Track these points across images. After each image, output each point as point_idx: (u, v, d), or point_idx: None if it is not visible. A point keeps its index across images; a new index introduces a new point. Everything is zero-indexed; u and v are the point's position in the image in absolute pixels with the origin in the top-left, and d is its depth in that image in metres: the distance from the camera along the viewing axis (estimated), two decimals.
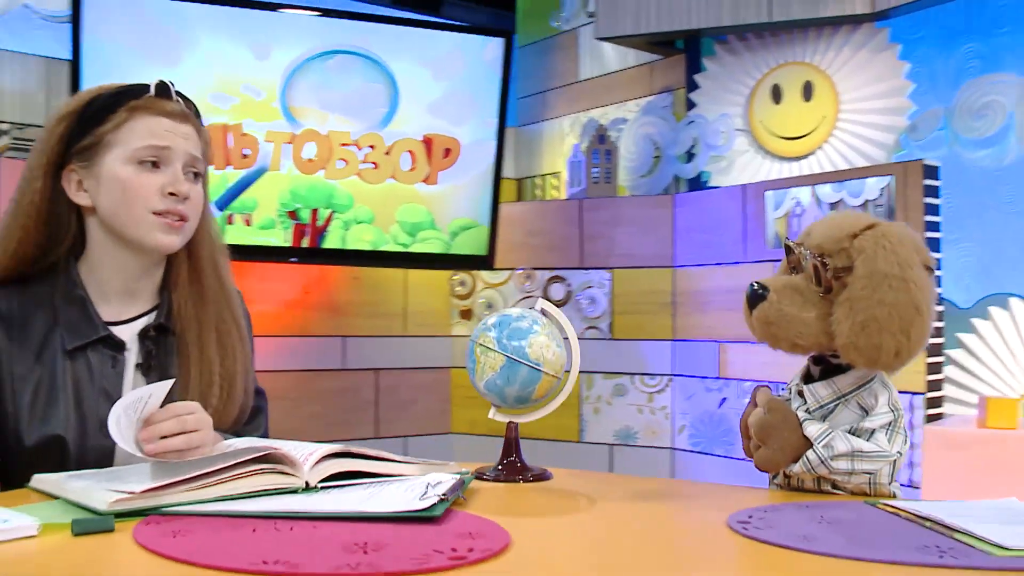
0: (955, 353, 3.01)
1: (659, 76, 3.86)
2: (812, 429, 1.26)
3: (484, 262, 3.60)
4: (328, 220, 3.36)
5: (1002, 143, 2.99)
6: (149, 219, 1.43)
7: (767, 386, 1.34)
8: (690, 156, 3.69)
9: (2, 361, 1.40)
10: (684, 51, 3.77)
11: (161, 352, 1.50)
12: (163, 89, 1.48)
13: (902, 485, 2.82)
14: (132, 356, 1.48)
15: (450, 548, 0.93)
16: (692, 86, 3.72)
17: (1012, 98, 2.98)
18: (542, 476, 1.38)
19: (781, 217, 3.28)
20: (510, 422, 1.40)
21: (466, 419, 3.85)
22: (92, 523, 1.01)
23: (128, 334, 1.48)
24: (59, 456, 1.37)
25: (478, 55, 3.53)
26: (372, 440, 3.68)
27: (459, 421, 3.87)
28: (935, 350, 2.93)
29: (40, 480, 1.22)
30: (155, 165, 1.44)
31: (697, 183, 3.69)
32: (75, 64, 2.97)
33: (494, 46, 3.54)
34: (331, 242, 3.37)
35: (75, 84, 2.96)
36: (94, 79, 2.95)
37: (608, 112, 4.01)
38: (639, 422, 3.60)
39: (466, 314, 3.88)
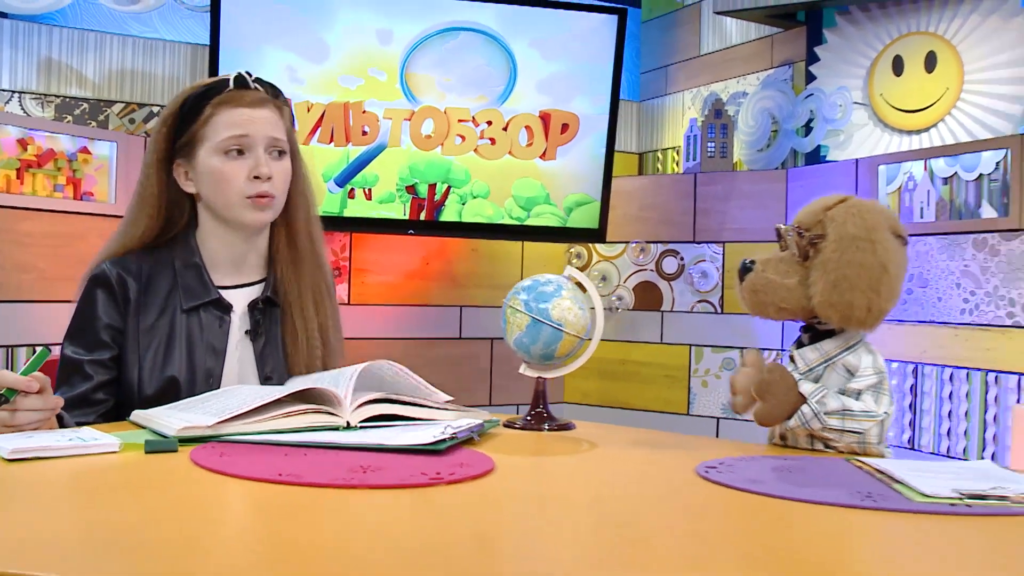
0: None
1: (780, 49, 3.92)
2: (807, 387, 1.40)
3: (596, 236, 3.77)
4: (445, 195, 3.60)
5: None
6: (241, 202, 1.71)
7: (758, 349, 1.49)
8: (808, 130, 3.74)
9: (131, 314, 1.71)
10: (805, 23, 3.81)
11: (268, 321, 1.78)
12: (241, 81, 1.72)
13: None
14: (237, 318, 1.76)
15: (435, 472, 1.14)
16: (812, 59, 3.76)
17: None
18: (565, 426, 1.57)
19: (894, 192, 3.31)
20: (539, 377, 1.59)
21: (579, 389, 4.04)
22: (160, 444, 1.27)
23: (235, 299, 1.77)
24: (174, 400, 1.65)
25: (594, 31, 3.69)
26: (486, 407, 3.92)
27: (572, 391, 4.06)
28: None
29: (136, 414, 1.50)
30: (240, 152, 1.70)
31: (816, 157, 3.74)
32: (214, 51, 3.30)
33: (609, 22, 3.68)
34: (447, 215, 3.61)
35: (214, 70, 3.29)
36: (231, 64, 3.28)
37: (729, 86, 4.10)
38: None
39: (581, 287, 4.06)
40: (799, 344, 1.50)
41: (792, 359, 1.49)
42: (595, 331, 1.58)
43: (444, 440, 1.28)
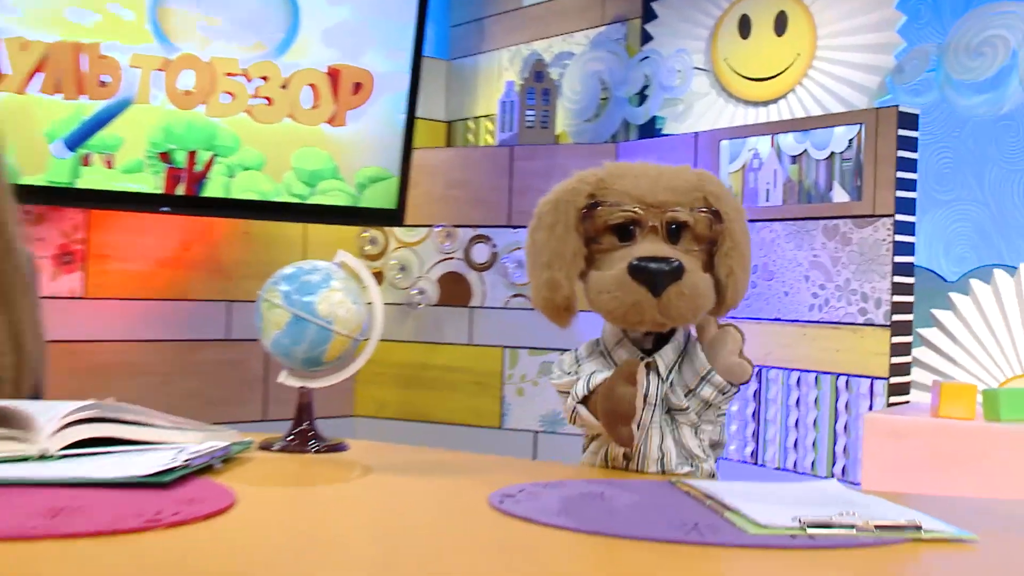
0: (929, 333, 3.10)
1: (612, 4, 3.97)
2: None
3: (393, 217, 3.72)
4: (208, 165, 3.47)
5: (1001, 87, 3.02)
6: None
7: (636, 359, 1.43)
8: (642, 98, 3.79)
9: None
10: None
11: None
12: None
13: (841, 479, 2.94)
14: None
15: (154, 511, 1.03)
16: (649, 16, 3.81)
17: (1019, 33, 2.96)
18: (336, 447, 1.49)
19: (737, 171, 3.38)
20: (302, 387, 1.50)
21: (373, 400, 4.01)
22: None
23: None
24: None
25: None
26: (260, 423, 3.80)
27: (363, 402, 4.02)
28: (904, 328, 3.03)
29: None
30: None
31: (650, 130, 3.79)
32: None
33: None
34: (211, 190, 3.49)
35: None
36: None
37: (553, 45, 4.11)
38: None
39: (376, 277, 3.99)
40: (640, 348, 1.46)
41: (648, 366, 1.45)
42: (373, 330, 1.51)
43: (171, 469, 1.17)
